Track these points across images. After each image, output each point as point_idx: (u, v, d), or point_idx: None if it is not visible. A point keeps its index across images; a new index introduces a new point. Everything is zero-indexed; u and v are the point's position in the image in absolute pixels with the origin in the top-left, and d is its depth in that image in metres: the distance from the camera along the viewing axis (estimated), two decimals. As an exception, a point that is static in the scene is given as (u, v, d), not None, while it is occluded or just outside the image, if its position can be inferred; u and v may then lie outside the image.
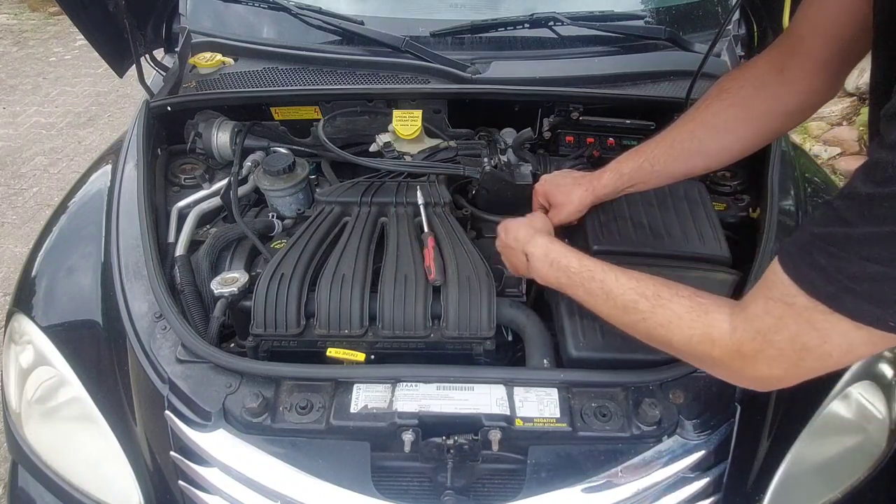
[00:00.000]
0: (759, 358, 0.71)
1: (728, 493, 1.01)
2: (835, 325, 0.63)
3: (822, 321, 0.64)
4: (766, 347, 0.70)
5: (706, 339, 0.76)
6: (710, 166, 1.11)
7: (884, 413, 1.16)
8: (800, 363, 0.68)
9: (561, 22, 1.54)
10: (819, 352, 0.66)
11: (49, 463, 1.15)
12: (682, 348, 0.80)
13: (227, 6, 1.67)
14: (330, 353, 1.08)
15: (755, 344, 0.71)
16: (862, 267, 0.58)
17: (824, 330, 0.64)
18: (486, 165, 1.38)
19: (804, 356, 0.67)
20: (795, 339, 0.67)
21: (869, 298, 0.59)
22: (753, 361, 0.72)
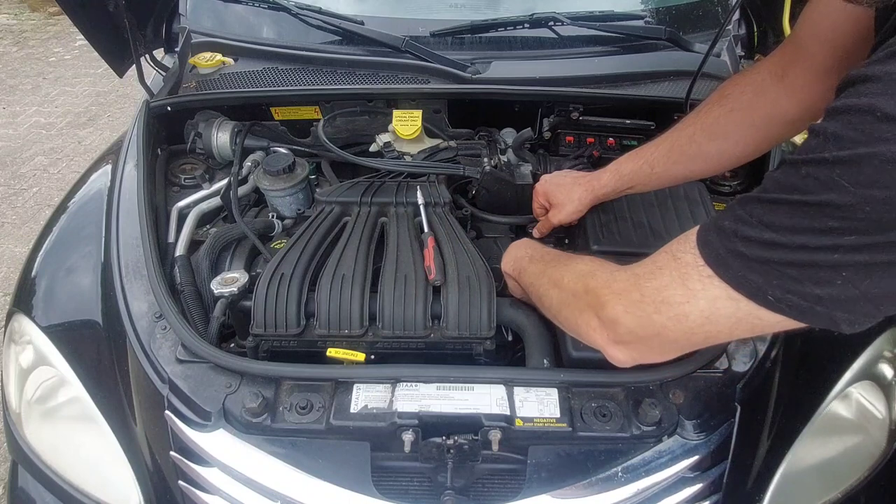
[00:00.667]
0: (622, 297, 0.72)
1: (728, 493, 1.01)
2: (707, 289, 0.63)
3: (697, 282, 0.64)
4: (632, 289, 0.71)
5: (589, 272, 0.80)
6: (710, 171, 1.12)
7: (884, 413, 1.16)
8: (653, 316, 0.69)
9: (561, 22, 1.55)
10: (677, 310, 0.66)
11: (49, 463, 1.15)
12: (568, 283, 0.84)
13: (227, 6, 1.67)
14: (330, 353, 1.08)
15: (626, 283, 0.73)
16: (759, 232, 0.58)
17: (694, 290, 0.64)
18: (486, 165, 1.38)
19: (661, 309, 0.68)
20: (662, 289, 0.68)
21: (755, 267, 0.58)
22: (616, 298, 0.73)
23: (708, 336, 0.67)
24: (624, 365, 0.78)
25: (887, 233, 0.50)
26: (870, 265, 0.53)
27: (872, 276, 0.53)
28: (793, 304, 0.58)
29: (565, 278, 0.85)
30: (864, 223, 0.51)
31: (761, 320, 0.61)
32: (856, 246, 0.52)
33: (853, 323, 0.58)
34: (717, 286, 0.62)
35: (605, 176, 1.16)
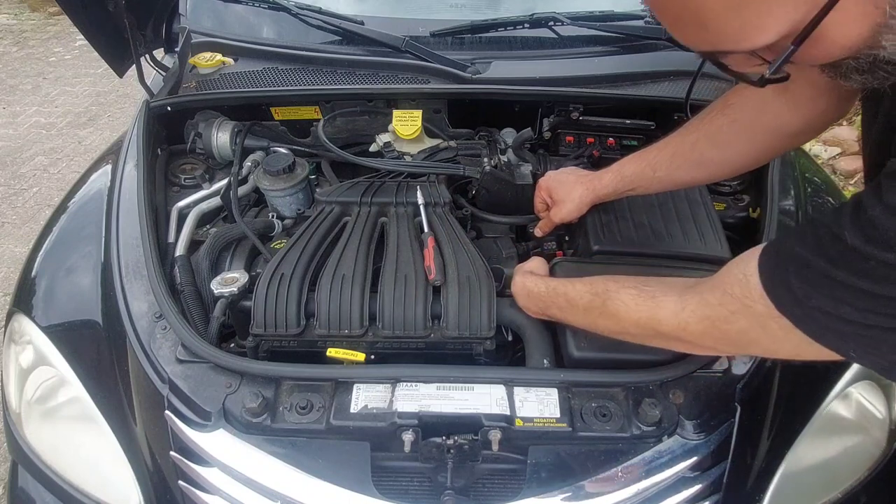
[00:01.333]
0: (709, 336, 0.77)
1: (728, 493, 1.01)
2: (790, 336, 0.67)
3: (778, 330, 0.67)
4: (712, 331, 0.76)
5: (653, 319, 0.83)
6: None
7: (884, 413, 1.16)
8: (748, 349, 0.78)
9: (561, 22, 1.55)
10: (765, 348, 0.73)
11: (49, 463, 1.15)
12: (634, 331, 0.88)
13: (227, 6, 1.67)
14: (330, 353, 1.08)
15: (701, 326, 0.77)
16: (833, 305, 0.61)
17: (777, 337, 0.68)
18: (486, 165, 1.38)
19: (753, 347, 0.75)
20: (745, 332, 0.72)
21: (834, 332, 0.62)
22: (703, 338, 0.79)
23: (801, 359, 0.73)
24: None
25: None
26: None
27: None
28: (875, 362, 0.63)
29: (629, 330, 0.89)
30: None
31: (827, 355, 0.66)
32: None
33: None
34: (800, 336, 0.66)
35: (606, 176, 1.16)
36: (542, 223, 1.29)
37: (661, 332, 0.83)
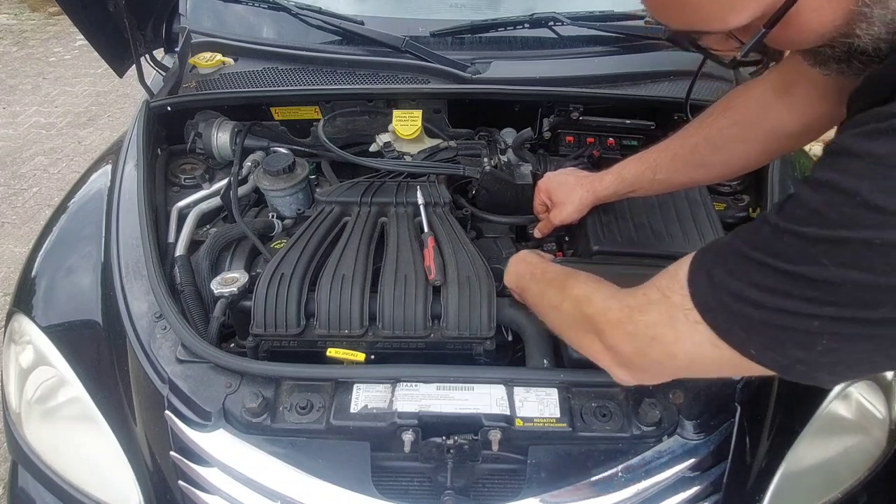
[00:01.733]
0: (617, 328, 0.75)
1: (728, 493, 1.01)
2: (693, 335, 0.65)
3: (684, 324, 0.66)
4: (626, 321, 0.74)
5: (586, 298, 0.82)
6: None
7: (884, 413, 1.16)
8: (646, 349, 0.72)
9: (561, 22, 1.55)
10: (667, 349, 0.69)
11: (49, 463, 1.15)
12: (568, 307, 0.86)
13: (227, 6, 1.67)
14: (330, 353, 1.08)
15: (620, 314, 0.75)
16: (745, 290, 0.59)
17: (682, 333, 0.66)
18: (486, 165, 1.38)
19: (653, 346, 0.70)
20: (652, 325, 0.70)
21: (740, 321, 0.60)
22: (612, 328, 0.76)
23: (696, 372, 0.72)
24: (629, 384, 0.81)
25: (865, 310, 0.52)
26: (849, 336, 0.54)
27: (855, 345, 0.55)
28: (775, 360, 0.60)
29: (564, 303, 0.87)
30: (844, 298, 0.53)
31: (743, 366, 0.63)
32: (835, 317, 0.54)
33: (834, 381, 0.61)
34: (703, 333, 0.64)
35: (607, 178, 1.16)
36: (541, 225, 1.29)
37: (586, 314, 0.81)
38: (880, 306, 0.52)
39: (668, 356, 0.69)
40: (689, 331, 0.65)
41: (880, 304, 0.51)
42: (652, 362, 0.72)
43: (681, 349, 0.67)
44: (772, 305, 0.57)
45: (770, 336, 0.59)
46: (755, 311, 0.58)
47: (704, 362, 0.67)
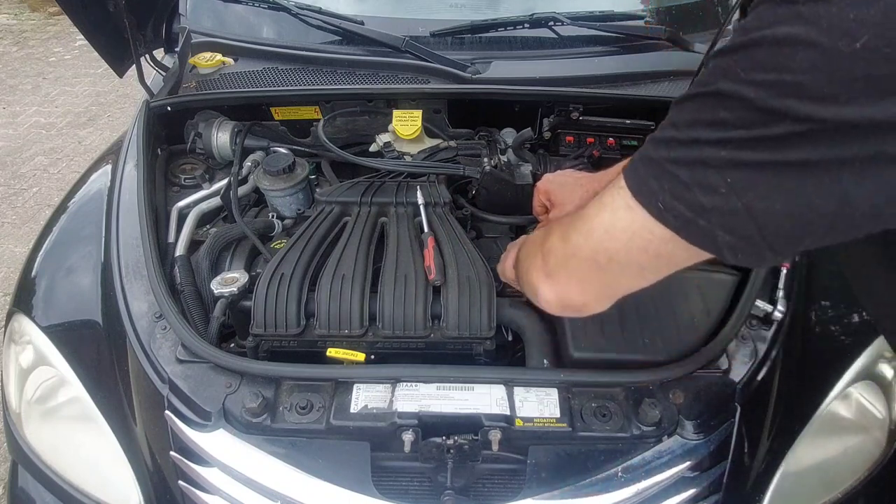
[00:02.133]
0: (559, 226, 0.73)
1: (728, 493, 1.01)
2: (615, 201, 0.63)
3: (608, 195, 0.64)
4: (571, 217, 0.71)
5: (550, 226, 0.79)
6: None
7: (884, 413, 1.16)
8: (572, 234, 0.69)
9: (561, 22, 1.55)
10: (588, 224, 0.67)
11: (49, 463, 1.15)
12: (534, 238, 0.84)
13: (227, 6, 1.67)
14: (330, 353, 1.08)
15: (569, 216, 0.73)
16: (664, 131, 0.58)
17: (604, 204, 0.65)
18: (486, 165, 1.38)
19: (578, 226, 0.68)
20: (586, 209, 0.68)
21: (653, 170, 0.58)
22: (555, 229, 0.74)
23: (609, 255, 0.66)
24: (552, 308, 0.77)
25: (770, 125, 0.49)
26: (753, 169, 0.51)
27: (756, 187, 0.52)
28: (678, 213, 0.57)
29: (531, 236, 0.86)
30: (751, 113, 0.50)
31: (653, 235, 0.60)
32: (742, 140, 0.51)
33: (735, 249, 0.56)
34: (622, 196, 0.62)
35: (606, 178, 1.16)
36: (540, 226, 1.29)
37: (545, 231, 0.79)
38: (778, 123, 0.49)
39: (588, 234, 0.67)
40: (611, 199, 0.64)
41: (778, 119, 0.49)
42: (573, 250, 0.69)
43: (599, 221, 0.65)
44: (684, 137, 0.55)
45: (679, 181, 0.56)
46: (668, 150, 0.57)
47: (617, 234, 0.64)
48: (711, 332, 1.06)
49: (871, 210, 0.50)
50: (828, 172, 0.49)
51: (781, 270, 1.15)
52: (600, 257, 0.67)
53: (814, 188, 0.50)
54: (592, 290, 0.73)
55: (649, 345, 1.03)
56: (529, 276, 0.79)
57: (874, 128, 0.46)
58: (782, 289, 1.12)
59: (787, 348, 1.10)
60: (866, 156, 0.47)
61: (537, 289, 0.77)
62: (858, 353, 1.14)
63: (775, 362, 1.07)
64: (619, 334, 1.03)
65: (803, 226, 0.53)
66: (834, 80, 0.46)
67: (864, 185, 0.48)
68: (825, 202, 0.50)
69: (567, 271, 0.72)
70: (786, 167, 0.50)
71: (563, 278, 0.73)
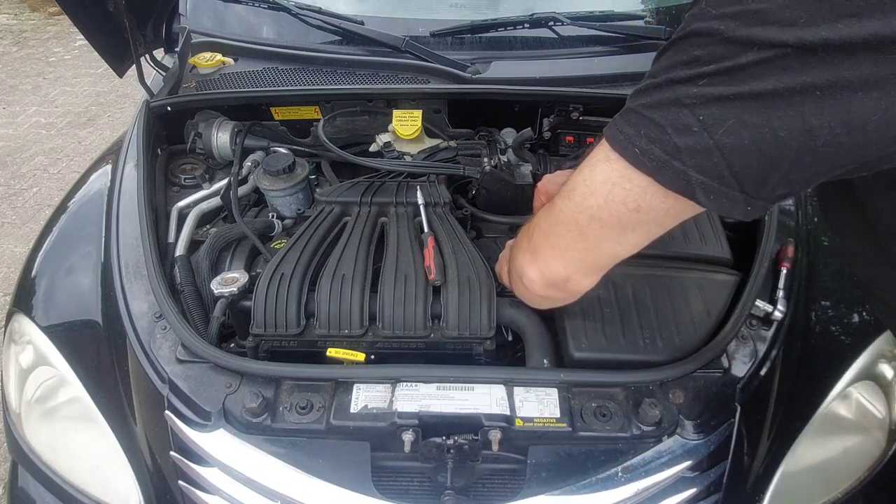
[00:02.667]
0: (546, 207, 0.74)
1: (728, 493, 1.01)
2: (594, 157, 0.64)
3: (591, 157, 0.65)
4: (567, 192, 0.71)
5: None
6: None
7: (884, 413, 1.16)
8: (556, 201, 0.70)
9: (561, 22, 1.55)
10: (569, 186, 0.68)
11: (49, 463, 1.15)
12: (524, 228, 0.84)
13: (227, 6, 1.67)
14: (330, 353, 1.08)
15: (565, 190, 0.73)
16: (643, 82, 0.60)
17: (586, 164, 0.66)
18: (486, 165, 1.38)
19: (562, 192, 0.69)
20: (571, 180, 0.69)
21: (630, 118, 0.60)
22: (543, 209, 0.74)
23: (591, 213, 0.67)
24: (536, 288, 0.77)
25: (737, 56, 0.52)
26: (723, 104, 0.53)
27: (725, 122, 0.54)
28: (654, 156, 0.58)
29: (523, 227, 0.87)
30: (720, 47, 0.53)
31: (632, 184, 0.62)
32: (713, 73, 0.53)
33: (708, 190, 0.58)
34: (601, 150, 0.63)
35: None
36: None
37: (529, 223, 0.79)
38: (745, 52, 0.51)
39: (568, 195, 0.67)
40: (592, 158, 0.65)
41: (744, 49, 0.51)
42: (556, 217, 0.70)
43: (579, 179, 0.66)
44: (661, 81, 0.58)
45: (654, 123, 0.58)
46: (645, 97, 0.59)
47: (596, 187, 0.65)
48: (711, 332, 1.05)
49: (832, 139, 0.51)
50: (791, 103, 0.51)
51: (781, 270, 1.15)
52: (581, 217, 0.68)
53: (779, 121, 0.52)
54: (574, 258, 0.73)
55: (649, 345, 1.03)
56: (517, 262, 0.79)
57: (831, 50, 0.48)
58: (782, 289, 1.12)
59: (787, 348, 1.10)
60: (825, 82, 0.49)
61: (523, 271, 0.77)
62: (858, 353, 1.14)
63: (775, 362, 1.07)
64: (619, 334, 1.03)
65: (770, 160, 0.54)
66: (793, 5, 0.48)
67: (823, 115, 0.50)
68: (789, 134, 0.52)
69: (549, 242, 0.72)
70: (753, 99, 0.52)
71: (547, 250, 0.73)
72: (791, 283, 1.14)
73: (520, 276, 0.79)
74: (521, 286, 0.83)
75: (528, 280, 0.77)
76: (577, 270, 0.74)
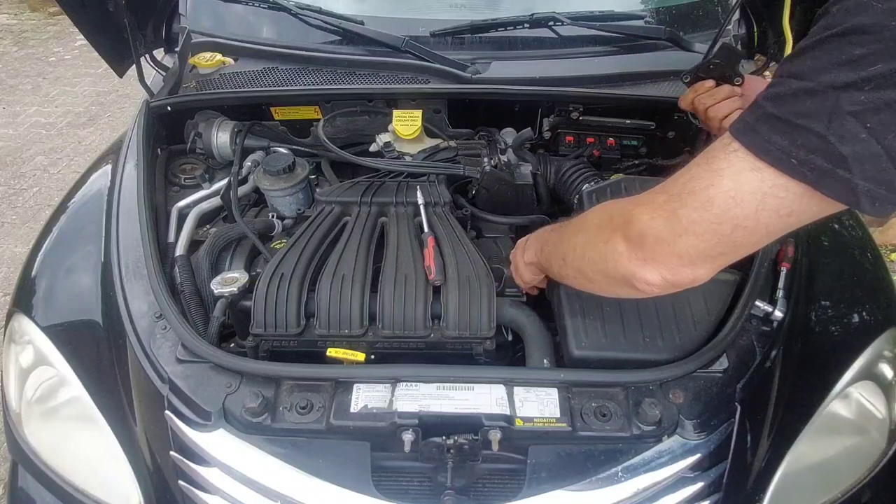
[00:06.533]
0: (647, 205, 0.69)
1: (728, 493, 1.01)
2: (732, 164, 0.60)
3: (722, 160, 0.61)
4: (658, 193, 0.68)
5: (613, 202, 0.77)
6: None
7: (884, 413, 1.16)
8: (679, 211, 0.65)
9: (561, 22, 1.54)
10: (702, 196, 0.63)
11: (49, 463, 1.15)
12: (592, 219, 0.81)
13: (227, 6, 1.67)
14: (330, 352, 1.08)
15: (652, 192, 0.70)
16: (787, 85, 0.56)
17: (719, 171, 0.62)
18: (486, 165, 1.38)
19: (687, 201, 0.64)
20: (688, 181, 0.65)
21: (781, 127, 0.56)
22: (640, 208, 0.70)
23: (735, 223, 0.63)
24: (656, 290, 0.74)
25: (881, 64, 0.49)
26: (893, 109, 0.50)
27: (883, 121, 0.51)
28: (815, 166, 0.55)
29: (588, 218, 0.82)
30: (891, 44, 0.49)
31: (787, 193, 0.58)
32: (882, 75, 0.49)
33: (874, 198, 0.55)
34: (742, 158, 0.59)
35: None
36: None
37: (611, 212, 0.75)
38: None
39: (704, 206, 0.62)
40: (727, 164, 0.60)
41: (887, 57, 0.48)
42: (685, 227, 0.64)
43: (719, 190, 0.61)
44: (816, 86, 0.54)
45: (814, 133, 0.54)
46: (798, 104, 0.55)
47: (744, 198, 0.60)
48: (712, 332, 1.05)
49: None
50: None
51: (781, 270, 1.15)
52: (724, 227, 0.64)
53: None
54: (708, 262, 0.70)
55: (650, 343, 1.03)
56: (612, 264, 0.75)
57: None
58: (782, 289, 1.12)
59: (787, 348, 1.10)
60: None
61: (633, 274, 0.73)
62: (858, 353, 1.14)
63: (775, 362, 1.07)
64: (619, 333, 1.03)
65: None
66: None
67: None
68: None
69: (675, 249, 0.68)
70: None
71: (672, 258, 0.69)
72: (791, 283, 1.14)
73: (624, 279, 0.75)
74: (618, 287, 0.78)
75: (643, 283, 0.73)
76: (708, 271, 0.71)
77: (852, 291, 1.23)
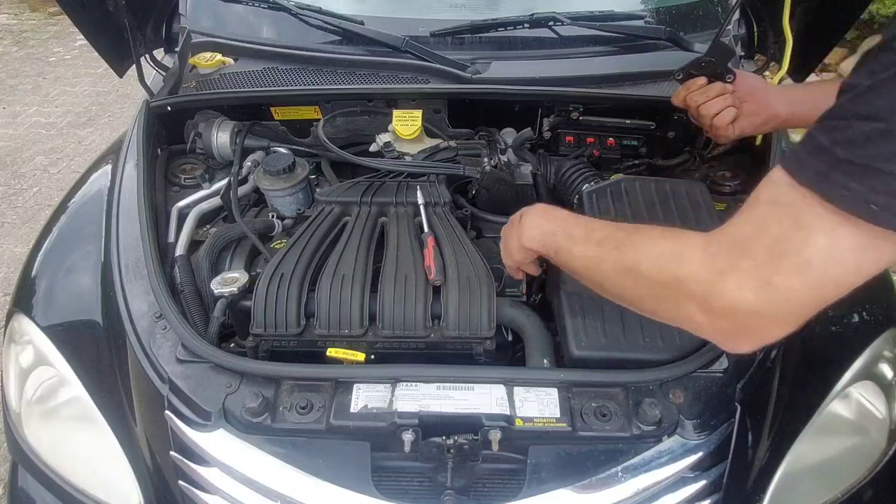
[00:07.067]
0: (731, 274, 0.62)
1: (728, 493, 1.01)
2: (822, 220, 0.56)
3: (809, 215, 0.57)
4: (741, 259, 0.62)
5: (675, 256, 0.68)
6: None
7: (884, 413, 1.16)
8: (774, 279, 0.59)
9: (561, 22, 1.54)
10: (798, 259, 0.58)
11: (49, 463, 1.15)
12: (649, 272, 0.72)
13: (227, 6, 1.67)
14: (330, 353, 1.08)
15: (731, 256, 0.63)
16: (858, 128, 0.52)
17: (809, 226, 0.57)
18: (486, 165, 1.38)
19: (781, 267, 0.59)
20: (775, 244, 0.59)
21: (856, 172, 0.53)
22: (723, 279, 0.63)
23: (837, 282, 0.58)
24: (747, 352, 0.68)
25: None
26: None
27: None
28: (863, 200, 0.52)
29: (641, 265, 0.73)
30: None
31: (886, 243, 0.55)
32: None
33: None
34: (830, 212, 0.55)
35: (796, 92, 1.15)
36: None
37: (679, 276, 0.67)
38: None
39: (801, 269, 0.57)
40: (816, 219, 0.56)
41: None
42: (784, 295, 0.59)
43: (815, 250, 0.56)
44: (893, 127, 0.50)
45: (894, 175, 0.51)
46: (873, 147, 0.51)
47: (844, 255, 0.56)
48: (711, 332, 1.05)
49: None
50: None
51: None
52: (826, 289, 0.59)
53: None
54: (800, 321, 0.64)
55: (650, 343, 1.03)
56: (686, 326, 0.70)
57: None
58: (782, 289, 1.12)
59: (787, 348, 1.10)
60: None
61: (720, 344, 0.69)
62: (858, 353, 1.14)
63: (775, 362, 1.07)
64: (620, 333, 1.03)
65: None
66: None
67: None
68: None
69: (772, 319, 0.63)
70: None
71: (768, 329, 0.64)
72: (791, 283, 1.14)
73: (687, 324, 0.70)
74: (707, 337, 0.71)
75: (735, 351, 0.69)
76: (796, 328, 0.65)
77: (852, 291, 1.23)
